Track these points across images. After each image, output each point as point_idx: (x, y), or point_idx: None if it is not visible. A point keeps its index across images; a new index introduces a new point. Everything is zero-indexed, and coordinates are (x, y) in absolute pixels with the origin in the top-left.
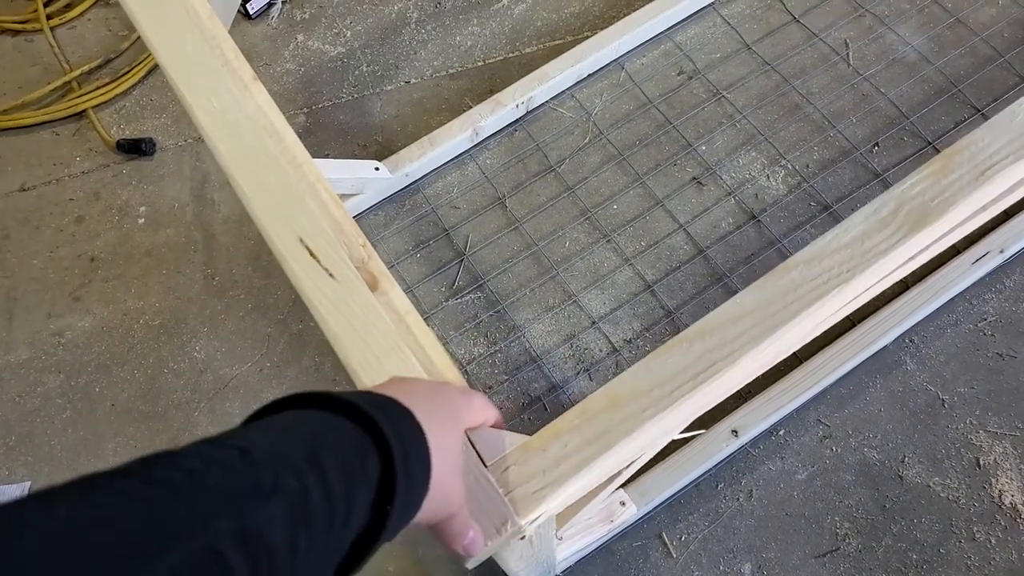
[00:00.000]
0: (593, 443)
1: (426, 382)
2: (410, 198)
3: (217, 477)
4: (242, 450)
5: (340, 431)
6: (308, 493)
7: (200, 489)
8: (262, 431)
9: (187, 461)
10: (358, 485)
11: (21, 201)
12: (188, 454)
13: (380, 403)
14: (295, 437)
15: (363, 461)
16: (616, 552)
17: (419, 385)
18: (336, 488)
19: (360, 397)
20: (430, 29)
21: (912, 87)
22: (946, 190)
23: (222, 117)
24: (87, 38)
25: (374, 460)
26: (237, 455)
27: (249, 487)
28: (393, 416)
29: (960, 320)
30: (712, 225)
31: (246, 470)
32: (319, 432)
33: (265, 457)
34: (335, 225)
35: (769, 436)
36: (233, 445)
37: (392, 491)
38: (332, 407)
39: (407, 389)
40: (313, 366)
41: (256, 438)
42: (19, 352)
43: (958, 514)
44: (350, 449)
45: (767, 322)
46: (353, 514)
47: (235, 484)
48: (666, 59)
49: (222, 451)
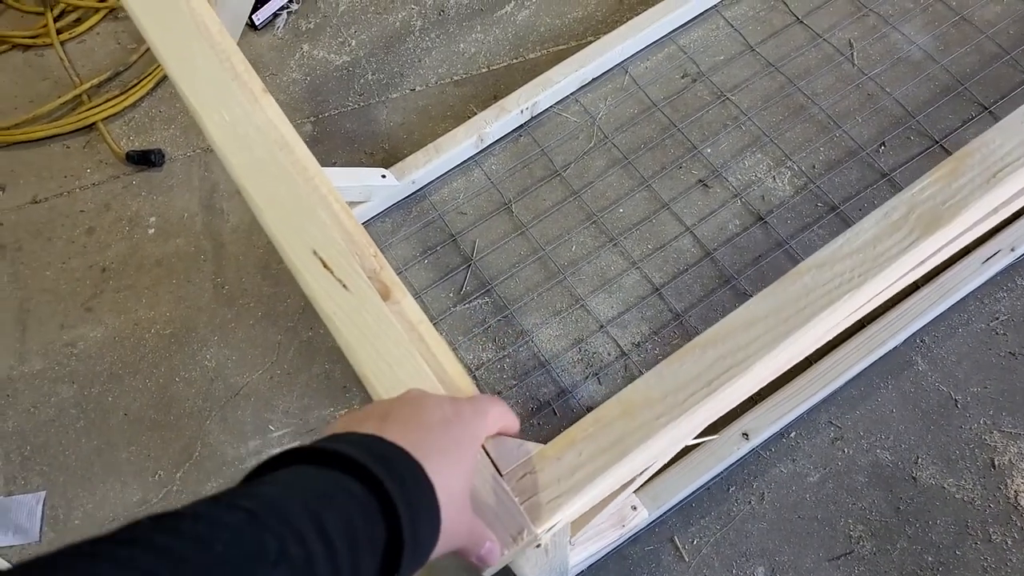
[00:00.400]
0: (608, 451)
1: (441, 408)
2: (417, 205)
3: (223, 543)
4: (249, 512)
5: (347, 494)
6: (314, 562)
7: (206, 558)
8: (269, 491)
9: (193, 526)
10: (364, 552)
11: (33, 213)
12: (195, 516)
13: (389, 458)
14: (303, 500)
15: (370, 527)
16: (628, 556)
17: (434, 414)
18: (343, 557)
19: (368, 451)
20: (434, 37)
21: (918, 86)
22: (957, 193)
23: (233, 130)
24: (96, 51)
25: (381, 526)
26: (244, 518)
27: (257, 554)
28: (403, 476)
29: (972, 319)
30: (719, 227)
31: (253, 535)
32: (327, 495)
33: (272, 522)
34: (347, 236)
35: (780, 439)
36: (241, 507)
37: (399, 555)
38: (340, 465)
39: (420, 424)
40: (323, 373)
41: (264, 499)
42: (33, 363)
43: (973, 515)
44: (357, 514)
45: (779, 328)
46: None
47: (241, 551)
48: (670, 62)
49: (229, 513)
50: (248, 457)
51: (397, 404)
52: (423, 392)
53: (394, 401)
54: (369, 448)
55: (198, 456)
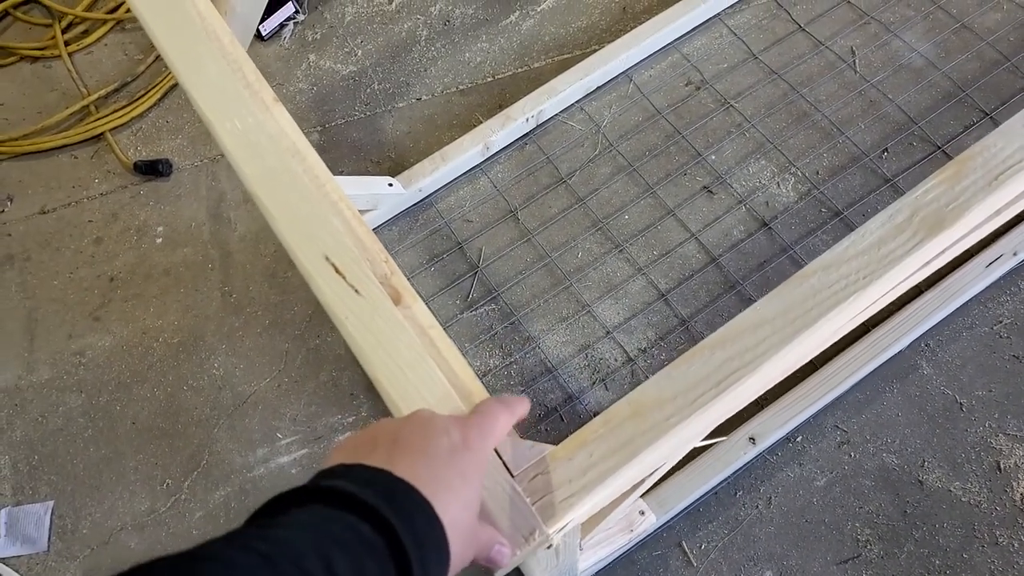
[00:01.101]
0: (618, 452)
1: (449, 436)
2: (423, 213)
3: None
4: (263, 556)
5: (358, 536)
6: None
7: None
8: (282, 533)
9: (209, 568)
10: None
11: (41, 224)
12: (210, 558)
13: (398, 498)
14: (314, 542)
15: (380, 569)
16: (636, 562)
17: (442, 442)
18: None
19: (378, 490)
20: (440, 46)
21: (920, 92)
22: (960, 195)
23: (245, 139)
24: (104, 63)
25: (391, 567)
26: (259, 561)
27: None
28: (411, 513)
29: (975, 323)
30: (724, 233)
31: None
32: (337, 538)
33: (284, 564)
34: (358, 242)
35: (787, 443)
36: (254, 548)
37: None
38: (351, 507)
39: (429, 453)
40: (331, 381)
41: (275, 541)
42: (41, 372)
43: (980, 518)
44: (368, 558)
45: (787, 329)
46: None
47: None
48: (674, 70)
49: (243, 555)
50: (256, 465)
51: (406, 429)
52: (432, 415)
53: (403, 425)
54: (378, 486)
55: (206, 464)
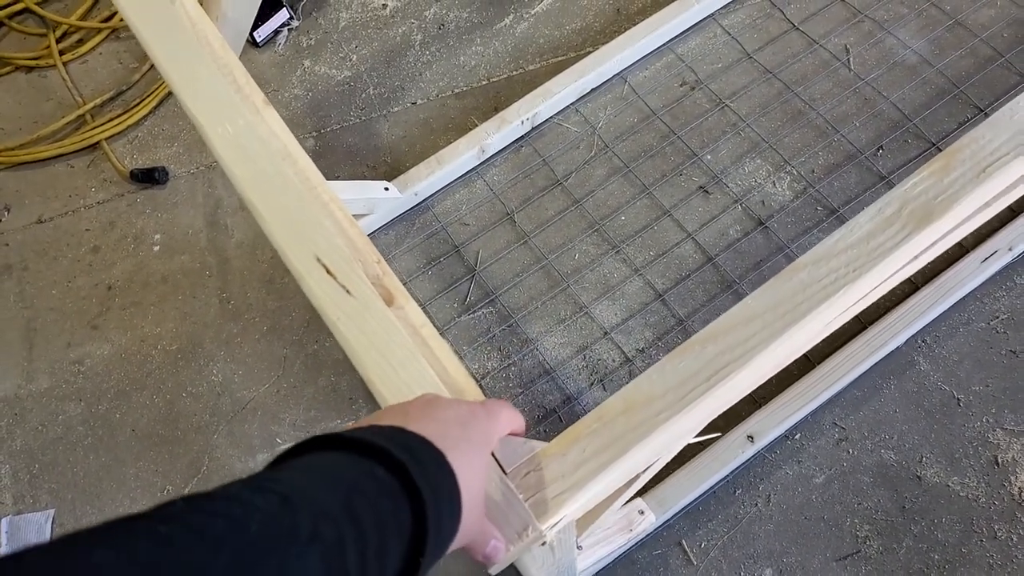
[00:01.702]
0: (611, 447)
1: (457, 409)
2: (420, 217)
3: (257, 524)
4: (282, 496)
5: (375, 480)
6: (344, 544)
7: (242, 538)
8: (299, 475)
9: (228, 507)
10: (391, 536)
11: (39, 233)
12: (229, 498)
13: (414, 447)
14: (332, 484)
15: (396, 512)
16: (636, 561)
17: (450, 412)
18: (371, 540)
19: (394, 440)
20: (434, 50)
21: (914, 90)
22: (948, 188)
23: (236, 142)
24: (99, 71)
25: (407, 512)
26: (277, 501)
27: (290, 536)
28: (427, 464)
29: (972, 319)
30: (720, 233)
31: (286, 518)
32: (355, 480)
33: (303, 504)
34: (350, 243)
35: (785, 441)
36: (272, 490)
37: (423, 543)
38: (366, 452)
39: (440, 421)
40: (329, 386)
41: (294, 483)
42: (40, 381)
43: (978, 513)
44: (384, 499)
45: (777, 323)
46: (386, 566)
47: (275, 532)
48: (668, 71)
49: (262, 496)
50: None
51: (414, 405)
52: (437, 395)
53: (410, 403)
54: (392, 437)
55: (206, 470)
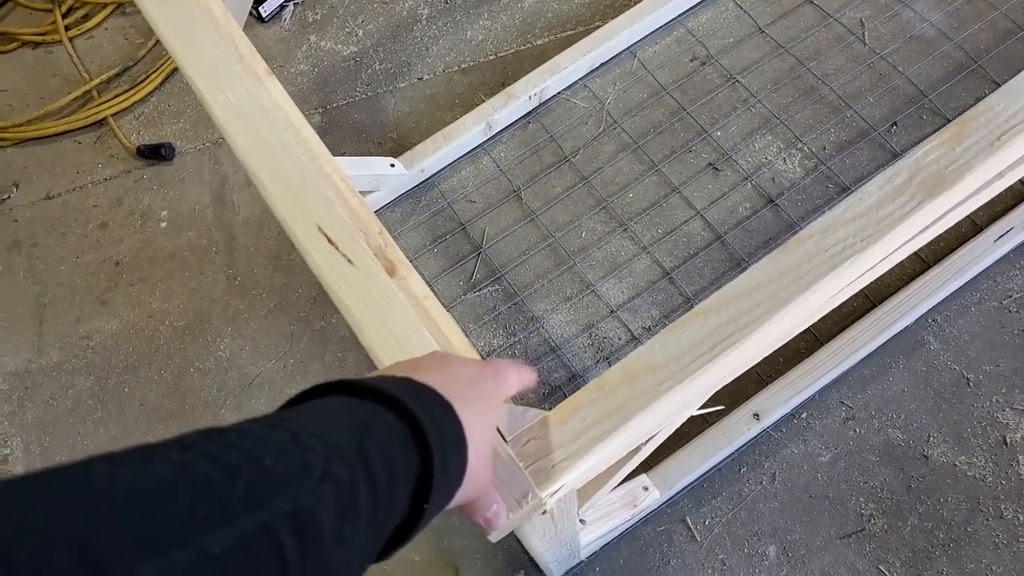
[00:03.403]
0: (611, 416)
1: (466, 366)
2: (426, 194)
3: (272, 457)
4: (293, 433)
5: (384, 423)
6: (356, 483)
7: (256, 468)
8: (311, 414)
9: (243, 440)
10: (399, 478)
11: (47, 209)
12: (243, 433)
13: (421, 395)
14: (342, 425)
15: (404, 455)
16: (640, 537)
17: (459, 370)
18: (380, 480)
19: (402, 387)
20: (441, 25)
21: (931, 64)
22: (960, 157)
23: (238, 111)
24: (105, 47)
25: (414, 456)
26: (289, 438)
27: (303, 471)
28: (433, 410)
29: (984, 298)
30: (729, 210)
31: (299, 454)
32: (365, 423)
33: (316, 443)
34: (352, 213)
35: (791, 419)
36: (285, 428)
37: (429, 488)
38: (375, 397)
39: (447, 375)
40: (336, 361)
41: (305, 423)
42: (50, 356)
43: (985, 492)
44: (393, 442)
45: (782, 293)
46: (394, 507)
47: (289, 466)
48: (678, 45)
49: (275, 432)
50: None
51: (424, 360)
52: (447, 352)
53: (421, 358)
54: (401, 385)
55: None
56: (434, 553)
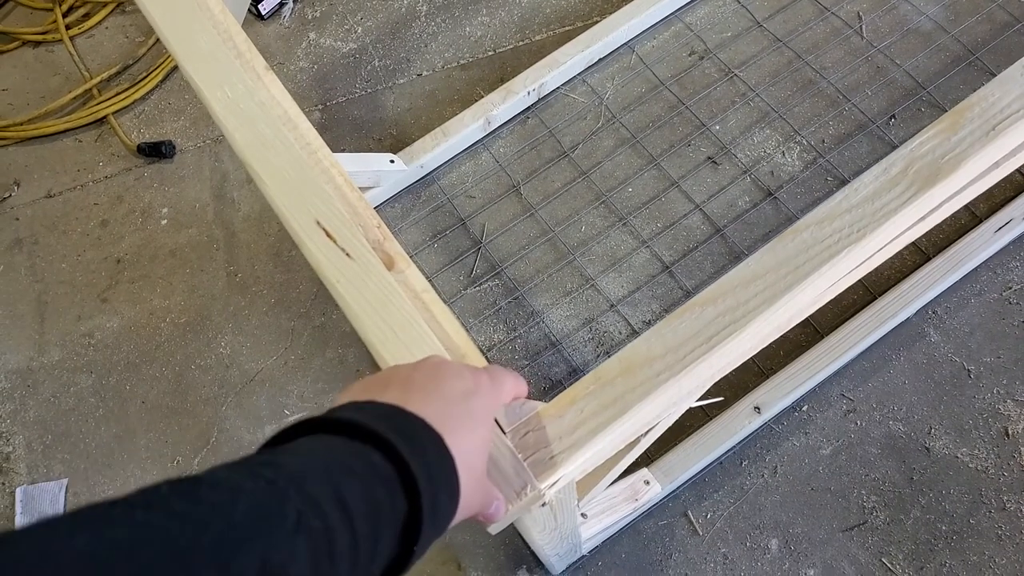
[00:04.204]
0: (609, 407)
1: (461, 378)
2: (426, 189)
3: (243, 511)
4: (270, 480)
5: (370, 466)
6: (332, 532)
7: (225, 522)
8: (291, 459)
9: (213, 492)
10: (384, 524)
11: (48, 207)
12: (215, 483)
13: (410, 429)
14: (324, 470)
15: (390, 499)
16: (642, 531)
17: (454, 384)
18: (361, 529)
19: (390, 422)
20: (440, 21)
21: (928, 57)
22: (956, 147)
23: (236, 106)
24: (105, 45)
25: (401, 499)
26: (264, 486)
27: (276, 522)
28: (424, 448)
29: (984, 290)
30: (728, 204)
31: (273, 504)
32: (348, 467)
33: (291, 491)
34: (350, 207)
35: (792, 412)
36: (261, 475)
37: (418, 531)
38: (361, 436)
39: (440, 394)
40: (337, 358)
41: (285, 467)
42: (52, 354)
43: (987, 484)
44: (378, 486)
45: (778, 284)
46: (378, 553)
47: (261, 518)
48: (677, 40)
49: (249, 480)
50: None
51: (418, 371)
52: (442, 359)
53: (415, 367)
54: (390, 420)
55: (215, 442)
56: (436, 549)
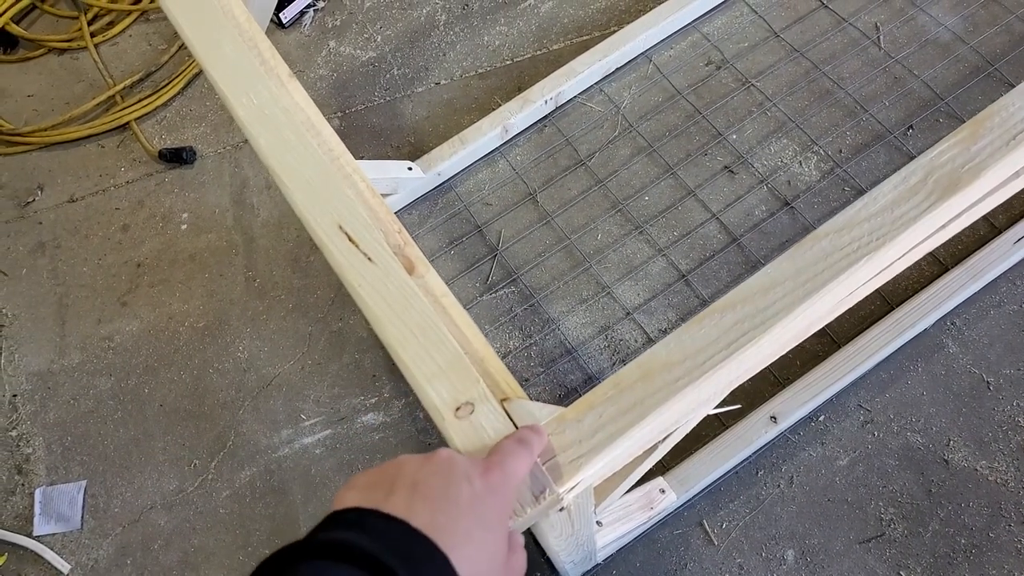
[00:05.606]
0: (627, 413)
1: (470, 480)
2: (443, 196)
3: None
4: None
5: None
6: None
7: None
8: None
9: None
10: None
11: (70, 212)
12: None
13: (415, 550)
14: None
15: None
16: (657, 540)
17: (462, 489)
18: None
19: (394, 545)
20: (458, 31)
21: (946, 68)
22: (976, 156)
23: (260, 112)
24: (129, 53)
25: None
26: None
27: None
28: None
29: (1003, 301)
30: (745, 213)
31: None
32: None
33: None
34: (371, 212)
35: (809, 422)
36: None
37: None
38: (363, 564)
39: (451, 502)
40: (353, 363)
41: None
42: (72, 356)
43: (1007, 497)
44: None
45: (798, 291)
46: None
47: None
48: (694, 50)
49: None
50: (281, 446)
51: (426, 472)
52: (452, 456)
53: (422, 465)
54: (396, 543)
55: (232, 445)
56: None
